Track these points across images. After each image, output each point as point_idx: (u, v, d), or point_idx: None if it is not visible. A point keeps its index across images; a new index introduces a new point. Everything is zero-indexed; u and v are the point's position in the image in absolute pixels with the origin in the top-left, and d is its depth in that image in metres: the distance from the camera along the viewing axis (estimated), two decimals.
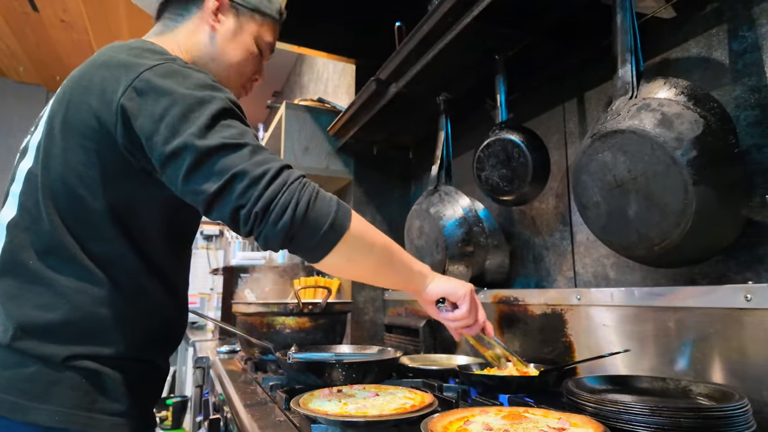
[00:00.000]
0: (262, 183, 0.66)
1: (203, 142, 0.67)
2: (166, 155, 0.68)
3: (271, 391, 1.00)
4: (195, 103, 0.69)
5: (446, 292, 0.86)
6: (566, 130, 1.21)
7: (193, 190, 0.68)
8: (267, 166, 0.68)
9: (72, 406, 0.69)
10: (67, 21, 3.47)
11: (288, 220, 0.66)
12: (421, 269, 0.86)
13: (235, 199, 0.66)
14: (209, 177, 0.66)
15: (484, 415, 0.65)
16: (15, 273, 0.72)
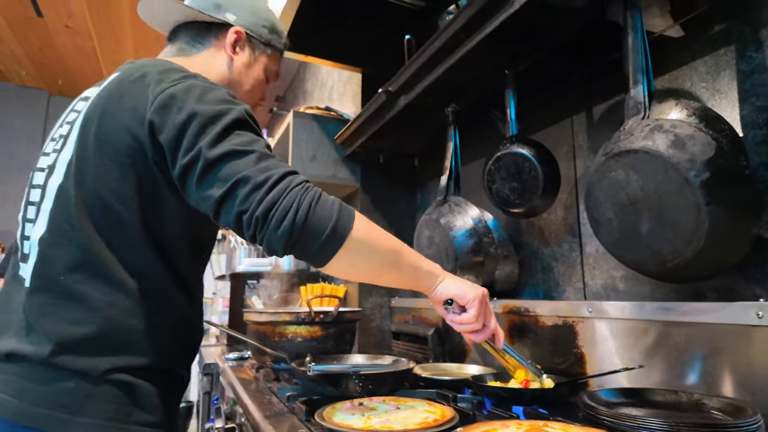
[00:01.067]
0: (264, 188, 0.68)
1: (213, 151, 0.70)
2: (184, 166, 0.71)
3: (288, 402, 1.02)
4: (213, 117, 0.73)
5: (454, 293, 0.84)
6: (574, 143, 1.24)
7: (202, 196, 0.71)
8: (270, 172, 0.69)
9: (109, 419, 0.71)
10: (72, 26, 3.48)
11: (289, 225, 0.67)
12: (430, 268, 0.85)
13: (238, 204, 0.68)
14: (215, 183, 0.69)
15: (505, 428, 0.67)
16: (46, 289, 0.74)
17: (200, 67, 0.94)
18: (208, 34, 0.98)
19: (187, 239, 0.84)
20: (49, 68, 4.40)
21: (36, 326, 0.72)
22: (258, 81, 1.03)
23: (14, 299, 0.79)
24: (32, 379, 0.70)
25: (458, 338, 1.50)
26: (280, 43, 1.07)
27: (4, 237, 4.62)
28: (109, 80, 0.85)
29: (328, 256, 0.72)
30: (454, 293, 0.84)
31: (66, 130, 0.84)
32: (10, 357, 0.72)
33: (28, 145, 5.20)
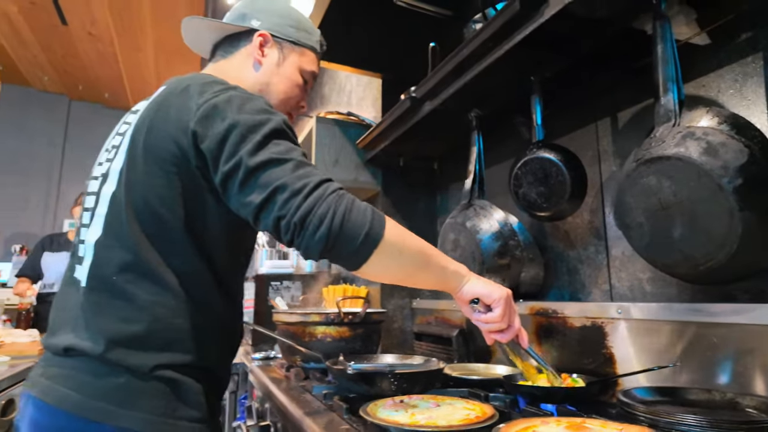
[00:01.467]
0: (301, 195, 0.72)
1: (253, 159, 0.74)
2: (226, 173, 0.76)
3: (325, 399, 1.05)
4: (252, 126, 0.77)
5: (481, 293, 0.87)
6: (599, 147, 1.26)
7: (243, 202, 0.75)
8: (307, 179, 0.74)
9: (158, 414, 0.75)
10: (94, 33, 3.57)
11: (325, 231, 0.71)
12: (457, 269, 0.88)
13: (277, 210, 0.72)
14: (255, 189, 0.74)
15: (545, 425, 0.70)
16: (100, 288, 0.79)
17: (234, 72, 1.00)
18: (238, 42, 1.02)
19: (227, 243, 0.88)
20: (71, 74, 4.50)
21: (91, 323, 0.77)
22: (292, 82, 1.04)
23: (70, 298, 0.84)
24: (90, 373, 0.75)
25: (483, 339, 1.52)
26: (312, 41, 1.07)
27: (27, 239, 4.73)
28: (156, 94, 0.90)
29: (362, 260, 0.76)
30: (480, 292, 0.87)
31: (118, 141, 0.88)
32: (68, 351, 0.77)
33: (49, 148, 5.31)
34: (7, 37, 3.77)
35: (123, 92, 5.00)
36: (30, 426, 0.75)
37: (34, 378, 0.80)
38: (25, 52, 4.00)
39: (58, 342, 0.78)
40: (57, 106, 5.30)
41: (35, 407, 0.75)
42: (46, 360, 0.82)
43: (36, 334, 2.48)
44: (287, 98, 1.05)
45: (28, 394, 0.78)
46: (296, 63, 1.05)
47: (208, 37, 1.05)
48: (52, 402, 0.73)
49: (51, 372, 0.77)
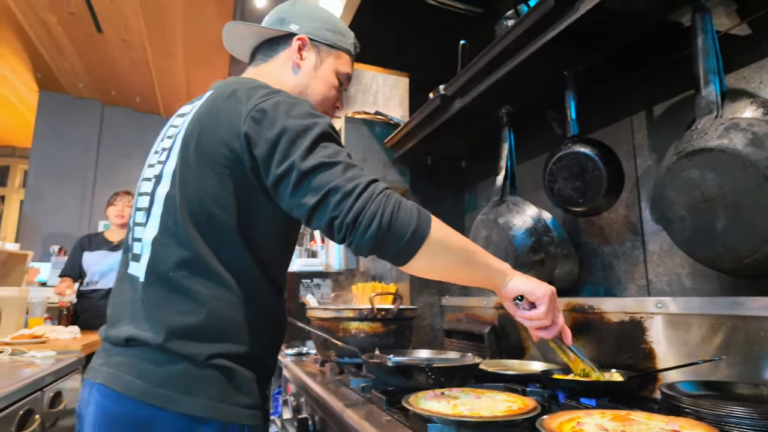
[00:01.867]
0: (353, 196, 0.75)
1: (305, 163, 0.77)
2: (278, 176, 0.79)
3: (363, 392, 1.07)
4: (301, 130, 0.80)
5: (525, 290, 0.89)
6: (634, 141, 1.25)
7: (297, 203, 0.79)
8: (357, 181, 0.77)
9: (215, 399, 0.79)
10: (128, 40, 3.69)
11: (375, 229, 0.75)
12: (500, 267, 0.90)
13: (330, 210, 0.76)
14: (309, 192, 0.77)
15: (589, 417, 0.71)
16: (159, 283, 0.83)
17: (274, 76, 1.03)
18: (277, 46, 1.06)
19: (275, 239, 0.92)
20: (104, 80, 4.66)
21: (151, 316, 0.81)
22: (329, 84, 1.08)
23: (127, 293, 0.88)
24: (151, 362, 0.79)
25: (515, 336, 1.53)
26: (347, 44, 1.11)
27: (64, 240, 4.91)
28: (204, 98, 0.94)
29: (409, 256, 0.79)
30: (524, 290, 0.89)
31: (168, 144, 0.92)
32: (129, 342, 0.81)
33: (84, 153, 5.50)
34: (47, 46, 3.94)
35: (153, 97, 5.15)
36: (97, 412, 0.79)
37: (96, 367, 0.84)
38: (62, 61, 4.17)
39: (118, 333, 0.83)
40: (91, 112, 5.48)
41: (101, 394, 0.79)
42: (106, 350, 0.86)
43: (77, 330, 2.58)
44: (324, 99, 1.09)
45: (92, 382, 0.82)
46: (333, 65, 1.08)
47: (248, 42, 1.09)
48: (119, 389, 0.77)
49: (114, 361, 0.81)
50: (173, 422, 0.76)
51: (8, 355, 1.89)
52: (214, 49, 3.65)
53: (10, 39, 3.99)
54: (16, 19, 3.66)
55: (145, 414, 0.76)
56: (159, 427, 0.76)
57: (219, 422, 0.78)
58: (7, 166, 7.50)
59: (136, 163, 5.64)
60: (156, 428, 0.76)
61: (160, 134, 1.01)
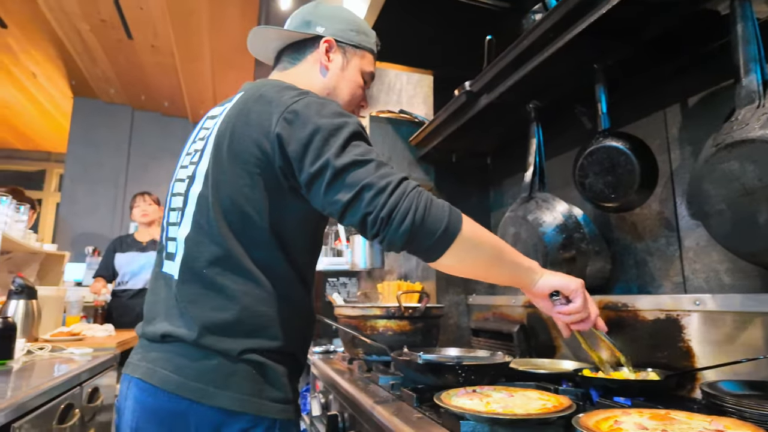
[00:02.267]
0: (386, 193, 0.77)
1: (339, 160, 0.79)
2: (312, 173, 0.80)
3: (392, 390, 1.07)
4: (333, 130, 0.82)
5: (560, 285, 0.90)
6: (668, 135, 1.22)
7: (330, 201, 0.80)
8: (390, 178, 0.79)
9: (247, 393, 0.80)
10: (156, 46, 3.78)
11: (409, 225, 0.76)
12: (530, 265, 0.91)
13: (364, 207, 0.77)
14: (342, 189, 0.79)
15: (627, 416, 0.69)
16: (193, 280, 0.85)
17: (302, 78, 1.04)
18: (304, 49, 1.07)
19: (303, 237, 0.93)
20: (134, 85, 4.79)
21: (186, 312, 0.83)
22: (355, 83, 1.09)
23: (162, 291, 0.91)
24: (186, 357, 0.81)
25: (545, 335, 1.51)
26: (370, 43, 1.12)
27: (97, 241, 5.08)
28: (235, 99, 0.95)
29: (440, 252, 0.80)
30: (558, 284, 0.90)
31: (200, 146, 0.94)
32: (165, 338, 0.84)
33: (115, 157, 5.67)
34: (80, 54, 4.08)
35: (181, 101, 5.28)
36: (135, 405, 0.82)
37: (135, 362, 0.87)
38: (94, 68, 4.31)
39: (155, 330, 0.85)
40: (122, 117, 5.66)
41: (139, 389, 0.82)
42: (143, 346, 0.89)
43: (111, 328, 2.66)
44: (351, 99, 1.10)
45: (131, 377, 0.85)
46: (358, 66, 1.10)
47: (273, 45, 1.11)
48: (157, 383, 0.79)
49: (151, 356, 0.84)
50: (208, 415, 0.78)
51: (48, 352, 1.97)
52: (239, 52, 3.71)
53: (46, 47, 4.15)
54: (52, 27, 3.80)
55: (181, 407, 0.78)
56: (194, 420, 0.78)
57: (251, 415, 0.80)
58: (43, 170, 7.79)
59: (165, 165, 5.79)
60: (191, 421, 0.78)
61: (190, 136, 1.04)
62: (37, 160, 7.71)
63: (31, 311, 2.13)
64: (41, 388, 1.30)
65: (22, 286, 2.10)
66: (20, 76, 4.89)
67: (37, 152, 7.60)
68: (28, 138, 6.94)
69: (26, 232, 2.74)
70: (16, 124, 6.33)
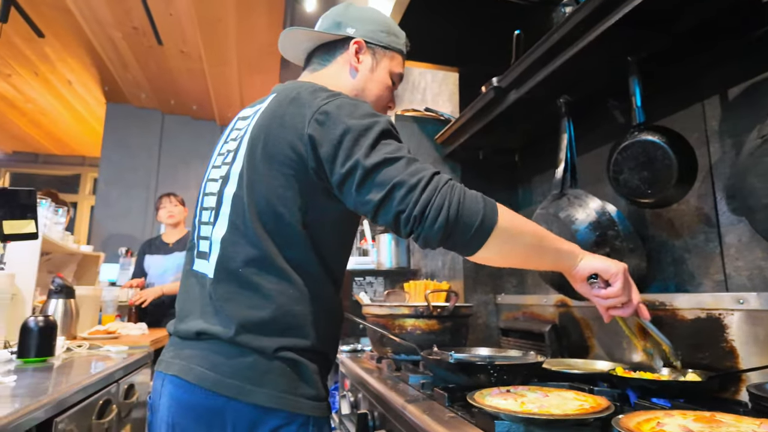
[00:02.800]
0: (418, 189, 0.76)
1: (369, 160, 0.79)
2: (343, 174, 0.80)
3: (423, 389, 1.07)
4: (363, 130, 0.82)
5: (599, 268, 0.88)
6: (707, 128, 1.17)
7: (362, 200, 0.80)
8: (421, 174, 0.78)
9: (282, 391, 0.81)
10: (186, 51, 3.87)
11: (443, 220, 0.75)
12: (570, 248, 0.90)
13: (396, 205, 0.77)
14: (373, 188, 0.78)
15: (670, 417, 0.67)
16: (228, 280, 0.86)
17: (332, 80, 1.05)
18: (334, 50, 1.08)
19: (335, 237, 0.94)
20: (164, 90, 4.92)
21: (221, 310, 0.84)
22: (384, 85, 1.10)
23: (194, 289, 0.92)
24: (221, 354, 0.82)
25: (578, 334, 1.47)
26: (399, 44, 1.12)
27: (130, 242, 5.23)
28: (268, 101, 0.96)
29: (478, 245, 0.79)
30: (597, 267, 0.88)
31: (233, 146, 0.96)
32: (200, 335, 0.85)
33: (147, 160, 5.84)
34: (113, 60, 4.22)
35: (209, 105, 5.39)
36: (171, 402, 0.83)
37: (168, 360, 0.88)
38: (126, 73, 4.44)
39: (188, 327, 0.86)
40: (152, 121, 5.82)
41: (174, 385, 0.83)
42: (175, 344, 0.91)
43: (145, 327, 2.73)
44: (379, 100, 1.11)
45: (165, 374, 0.86)
46: (387, 67, 1.10)
47: (303, 46, 1.12)
48: (193, 380, 0.81)
49: (185, 354, 0.85)
50: (244, 412, 0.79)
51: (86, 349, 2.03)
52: (265, 56, 3.77)
53: (81, 55, 4.30)
54: (87, 37, 3.94)
55: (217, 404, 0.79)
56: (230, 417, 0.79)
57: (287, 412, 0.80)
58: (78, 175, 8.08)
59: (194, 168, 5.92)
60: (228, 418, 0.79)
61: (222, 137, 1.05)
62: (73, 165, 8.01)
63: (70, 310, 2.20)
64: (81, 384, 1.34)
65: (61, 285, 2.18)
66: (57, 83, 5.09)
67: (72, 157, 7.89)
68: (64, 143, 7.21)
69: (64, 233, 2.84)
70: (53, 130, 6.58)
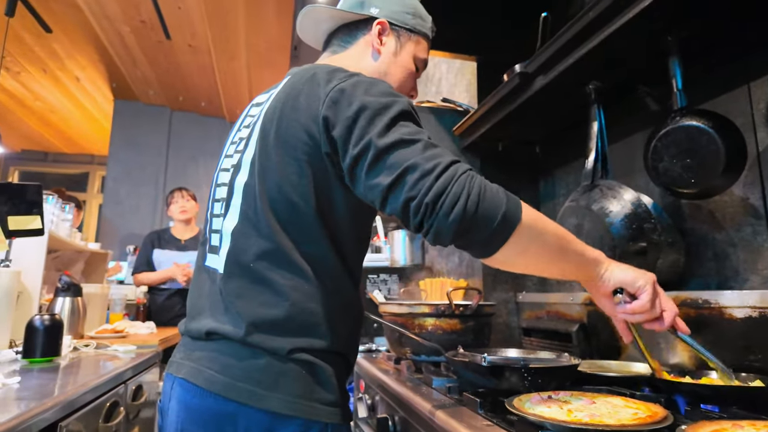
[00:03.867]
0: (433, 175, 0.67)
1: (382, 140, 0.71)
2: (355, 156, 0.73)
3: (449, 393, 1.00)
4: (380, 108, 0.74)
5: (624, 281, 0.79)
6: (753, 113, 1.09)
7: (371, 184, 0.72)
8: (438, 159, 0.69)
9: (297, 396, 0.74)
10: (194, 45, 3.82)
11: (460, 212, 0.65)
12: (596, 256, 0.80)
13: (407, 190, 0.68)
14: (384, 170, 0.70)
15: (740, 429, 0.59)
16: (240, 274, 0.79)
17: (352, 62, 0.99)
18: (356, 31, 1.02)
19: (352, 229, 0.86)
20: (172, 86, 4.87)
21: (232, 308, 0.78)
22: (407, 70, 1.03)
23: (205, 285, 0.86)
24: (232, 356, 0.76)
25: (608, 334, 1.39)
26: (426, 28, 1.06)
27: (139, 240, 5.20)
28: (282, 84, 0.90)
29: (498, 245, 0.70)
30: (623, 280, 0.79)
31: (246, 133, 0.89)
32: (210, 335, 0.79)
33: (155, 157, 5.81)
34: (121, 57, 4.18)
35: (218, 100, 5.35)
36: (180, 407, 0.77)
37: (178, 362, 0.82)
38: (135, 70, 4.41)
39: (199, 327, 0.80)
40: (161, 118, 5.78)
41: (183, 389, 0.77)
42: (186, 345, 0.84)
43: (153, 326, 2.69)
44: (401, 86, 1.03)
45: (174, 376, 0.80)
46: (411, 51, 1.03)
47: (323, 27, 1.05)
48: (202, 384, 0.75)
49: (195, 355, 0.79)
50: (257, 419, 0.72)
51: (94, 349, 1.98)
52: (274, 49, 3.71)
53: (90, 52, 4.26)
54: (95, 32, 3.90)
55: (228, 410, 0.73)
56: (243, 423, 0.72)
57: (302, 419, 0.74)
58: (86, 173, 8.08)
59: (203, 165, 5.88)
60: (240, 424, 0.72)
61: (235, 125, 0.99)
62: (81, 163, 8.01)
63: (77, 308, 2.16)
64: (88, 385, 1.29)
65: (68, 283, 2.13)
66: (65, 80, 5.06)
67: (81, 155, 7.89)
68: (72, 141, 7.21)
69: (72, 231, 2.79)
70: (62, 128, 6.58)
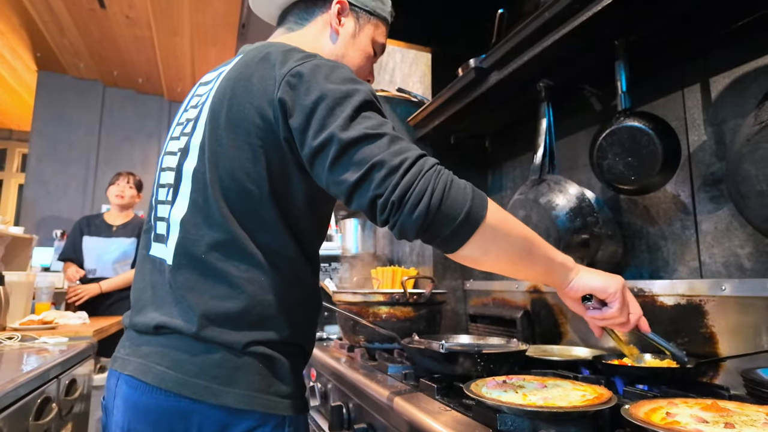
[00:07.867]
0: (399, 172, 0.67)
1: (346, 134, 0.69)
2: (315, 148, 0.71)
3: (405, 380, 1.02)
4: (341, 97, 0.72)
5: (593, 288, 0.79)
6: (686, 116, 1.18)
7: (336, 180, 0.70)
8: (404, 155, 0.69)
9: (254, 390, 0.73)
10: (132, 17, 3.57)
11: (424, 209, 0.66)
12: (563, 261, 0.81)
13: (374, 188, 0.67)
14: (350, 167, 0.69)
15: (674, 407, 0.65)
16: (190, 266, 0.76)
17: (309, 41, 0.95)
18: (314, 8, 0.98)
19: (311, 217, 0.84)
20: (106, 60, 4.53)
21: (183, 301, 0.74)
22: (366, 54, 1.01)
23: (151, 276, 0.82)
24: (184, 351, 0.73)
25: (550, 320, 1.48)
26: (385, 12, 1.04)
27: (66, 224, 4.84)
28: (233, 62, 0.86)
29: (461, 241, 0.70)
30: (592, 287, 0.79)
31: (194, 114, 0.85)
32: (159, 329, 0.75)
33: (86, 135, 5.40)
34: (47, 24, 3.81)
35: (157, 77, 5.03)
36: (126, 405, 0.73)
37: (123, 357, 0.78)
38: (62, 39, 4.04)
39: (146, 320, 0.76)
40: (92, 93, 5.37)
41: (130, 387, 0.73)
42: (131, 339, 0.80)
43: (85, 316, 2.52)
44: (359, 71, 1.01)
45: (119, 373, 0.76)
46: (370, 34, 1.01)
47: (279, 2, 1.00)
48: (151, 381, 0.71)
49: (142, 351, 0.75)
50: (213, 415, 0.70)
51: (18, 342, 1.84)
52: (221, 26, 3.52)
53: (8, 15, 3.85)
54: None
55: (180, 407, 0.70)
56: (197, 420, 0.70)
57: (259, 413, 0.72)
58: (4, 150, 7.38)
59: (139, 145, 5.55)
60: (193, 421, 0.70)
61: (182, 104, 0.94)
62: None
63: None
64: (14, 382, 1.19)
65: None
66: None
67: None
68: None
69: None
70: None
